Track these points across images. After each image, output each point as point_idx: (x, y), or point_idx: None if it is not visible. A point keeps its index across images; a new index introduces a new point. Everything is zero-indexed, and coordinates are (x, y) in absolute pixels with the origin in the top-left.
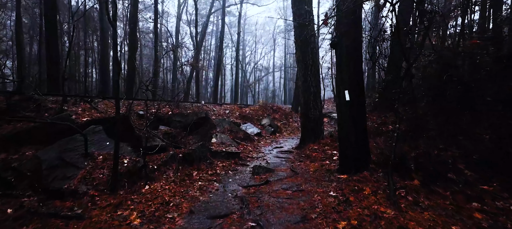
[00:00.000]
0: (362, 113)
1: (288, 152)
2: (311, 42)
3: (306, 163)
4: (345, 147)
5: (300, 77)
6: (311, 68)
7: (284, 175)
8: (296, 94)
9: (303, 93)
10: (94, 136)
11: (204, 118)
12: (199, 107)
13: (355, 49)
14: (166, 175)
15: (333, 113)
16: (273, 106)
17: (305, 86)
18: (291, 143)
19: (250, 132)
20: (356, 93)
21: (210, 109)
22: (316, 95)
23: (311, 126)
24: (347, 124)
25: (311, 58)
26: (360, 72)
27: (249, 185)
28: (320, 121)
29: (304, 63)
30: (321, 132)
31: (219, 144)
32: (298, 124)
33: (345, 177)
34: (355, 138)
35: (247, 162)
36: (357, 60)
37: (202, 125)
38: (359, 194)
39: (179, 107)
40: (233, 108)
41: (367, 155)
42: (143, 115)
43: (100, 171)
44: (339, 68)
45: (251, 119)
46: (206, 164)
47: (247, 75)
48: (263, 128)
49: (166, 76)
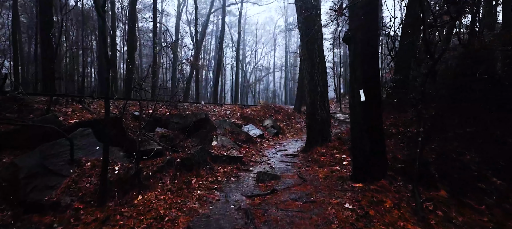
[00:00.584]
0: (378, 114)
1: (293, 155)
2: (318, 39)
3: (314, 168)
4: (359, 152)
5: (306, 76)
6: (318, 67)
7: (291, 183)
8: (298, 95)
9: (310, 93)
10: (82, 140)
11: (203, 119)
12: (198, 108)
13: (371, 44)
14: (162, 182)
15: (337, 114)
16: (275, 106)
17: (312, 85)
18: (295, 145)
19: (252, 133)
20: (372, 93)
21: (210, 110)
22: (324, 95)
23: (318, 127)
24: (361, 126)
25: (318, 55)
26: (376, 69)
27: (253, 195)
28: (327, 122)
29: (311, 61)
30: (329, 134)
31: (219, 147)
32: (301, 125)
33: (360, 186)
34: (371, 142)
35: (250, 167)
36: (373, 56)
37: (201, 126)
38: (379, 207)
39: (177, 108)
40: (234, 109)
41: (384, 161)
42: (139, 116)
43: (87, 179)
44: (352, 65)
45: (252, 120)
46: (206, 170)
47: (247, 75)
48: (266, 129)
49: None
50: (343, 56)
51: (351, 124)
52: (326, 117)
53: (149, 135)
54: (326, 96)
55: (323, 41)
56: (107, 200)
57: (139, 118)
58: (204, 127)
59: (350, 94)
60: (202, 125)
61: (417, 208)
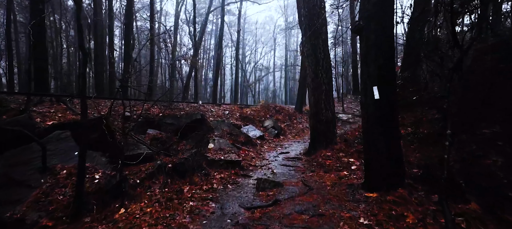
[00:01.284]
0: (395, 115)
1: (296, 158)
2: (323, 33)
3: (319, 174)
4: (372, 156)
5: (310, 74)
6: (322, 63)
7: (295, 191)
8: (300, 94)
9: (313, 92)
10: (59, 144)
11: (199, 120)
12: (195, 108)
13: (386, 34)
14: (150, 191)
15: (340, 114)
16: (275, 106)
17: (316, 83)
18: (297, 147)
19: (251, 135)
20: (387, 90)
21: (208, 110)
22: (328, 94)
23: (322, 129)
24: (375, 128)
25: (322, 51)
26: (392, 63)
27: (253, 207)
28: (332, 123)
29: (315, 58)
30: (334, 136)
31: (216, 150)
32: (303, 125)
33: (375, 196)
34: (386, 146)
35: (249, 172)
36: (389, 48)
37: (197, 128)
38: (400, 224)
39: (172, 108)
40: (232, 109)
41: (401, 168)
42: (129, 116)
43: (60, 190)
44: (365, 59)
45: (252, 120)
46: (200, 176)
47: (247, 75)
48: (266, 130)
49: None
50: (345, 54)
51: (363, 125)
52: (331, 117)
53: (138, 137)
54: (331, 95)
55: (327, 35)
56: (82, 214)
57: (130, 118)
58: (200, 128)
59: (361, 92)
60: (198, 126)
61: (447, 226)
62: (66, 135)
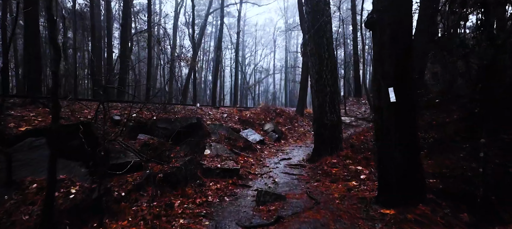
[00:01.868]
0: (413, 119)
1: (299, 166)
2: (327, 31)
3: (325, 184)
4: (387, 167)
5: (313, 75)
6: (327, 63)
7: (300, 206)
8: (301, 96)
9: (317, 94)
10: (31, 153)
11: (195, 124)
12: (192, 111)
13: (404, 28)
14: (136, 205)
15: (342, 117)
16: (276, 109)
17: (320, 85)
18: (300, 152)
19: (251, 139)
20: (405, 92)
21: (205, 113)
22: (333, 96)
23: (327, 134)
24: (391, 135)
25: (326, 50)
26: (410, 61)
27: (252, 226)
28: (338, 127)
29: (319, 57)
30: (340, 141)
31: (213, 157)
32: (305, 128)
33: (392, 213)
34: (404, 156)
35: (248, 182)
36: (406, 44)
37: (193, 132)
38: None
39: (167, 111)
40: (231, 112)
41: (421, 180)
42: (119, 120)
43: (27, 208)
44: (379, 56)
45: (252, 123)
46: (194, 187)
47: (247, 77)
48: (266, 134)
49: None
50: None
51: (376, 131)
52: (336, 121)
53: (126, 144)
54: (336, 98)
55: (332, 33)
56: None
57: (120, 122)
58: (195, 133)
59: (374, 93)
60: (194, 131)
61: None
62: (41, 143)
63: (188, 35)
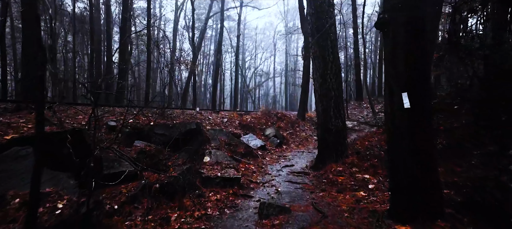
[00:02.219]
0: (429, 127)
1: (303, 173)
2: (332, 33)
3: (332, 194)
4: (400, 179)
5: (317, 78)
6: (331, 66)
7: (307, 220)
8: (302, 100)
9: (321, 99)
10: (16, 164)
11: (194, 130)
12: (191, 116)
13: (420, 29)
14: (131, 220)
15: None
16: (277, 113)
17: (324, 89)
18: (302, 158)
19: (252, 145)
20: (421, 97)
21: (205, 117)
22: (338, 101)
23: (332, 139)
24: (404, 144)
25: (331, 53)
26: (426, 63)
27: None
28: (343, 133)
29: (323, 60)
30: (345, 148)
31: (213, 164)
32: (307, 133)
33: None
34: (418, 166)
35: (250, 191)
36: (422, 46)
37: (192, 139)
38: None
39: (165, 116)
40: (232, 116)
41: (438, 193)
42: (115, 126)
43: (8, 226)
44: (391, 58)
45: (253, 128)
46: (193, 198)
47: (247, 81)
48: (267, 139)
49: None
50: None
51: (388, 140)
52: (341, 126)
53: (120, 151)
54: (341, 102)
55: (336, 36)
56: None
57: (116, 128)
58: (195, 139)
59: (386, 98)
60: (193, 137)
61: None
62: (27, 152)
63: (188, 39)
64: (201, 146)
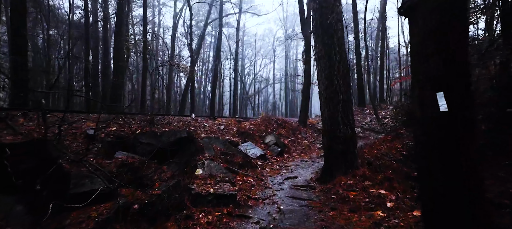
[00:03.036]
0: (471, 137)
1: (307, 187)
2: (338, 30)
3: (344, 214)
4: (435, 200)
5: (322, 81)
6: (338, 67)
7: None
8: (303, 106)
9: (327, 103)
10: None
11: (185, 138)
12: (186, 123)
13: (457, 11)
14: None
15: None
16: (277, 119)
17: (330, 92)
18: (306, 169)
19: (251, 154)
20: (461, 98)
21: (200, 125)
22: (347, 105)
23: (340, 148)
24: (441, 158)
25: (338, 52)
26: (465, 55)
27: None
28: (352, 141)
29: (329, 60)
30: (355, 158)
31: (206, 178)
32: (309, 140)
33: None
34: (462, 187)
35: (247, 211)
36: (462, 34)
37: (182, 148)
38: None
39: (155, 123)
40: (229, 123)
41: (486, 220)
42: (94, 135)
43: None
44: (421, 50)
45: (252, 136)
46: (179, 220)
47: (246, 87)
48: (267, 147)
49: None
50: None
51: (418, 152)
52: (350, 134)
53: (94, 165)
54: (350, 107)
55: (343, 33)
56: None
57: (95, 137)
58: (186, 149)
59: (415, 100)
60: (184, 146)
61: None
62: None
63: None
64: (193, 156)
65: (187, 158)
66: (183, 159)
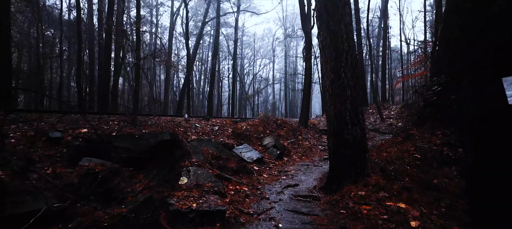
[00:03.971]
0: None
1: (311, 197)
2: (346, 15)
3: None
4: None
5: (327, 74)
6: (346, 58)
7: None
8: (304, 105)
9: (333, 99)
10: None
11: (168, 141)
12: (175, 124)
13: None
14: None
15: None
16: (276, 120)
17: (337, 87)
18: (308, 175)
19: (247, 157)
20: None
21: (191, 125)
22: (355, 103)
23: (348, 153)
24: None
25: (345, 40)
26: None
27: None
28: (362, 144)
29: (335, 50)
30: (365, 164)
31: (191, 188)
32: (310, 142)
33: None
34: None
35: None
36: None
37: (165, 153)
38: None
39: (136, 124)
40: (224, 124)
41: None
42: (61, 138)
43: None
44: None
45: (248, 137)
46: None
47: (246, 87)
48: (266, 150)
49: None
50: None
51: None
52: (360, 135)
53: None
54: (359, 104)
55: (352, 18)
56: None
57: (61, 141)
58: (169, 154)
59: (466, 90)
60: (167, 150)
61: None
62: None
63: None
64: (178, 162)
65: (171, 164)
66: (167, 165)
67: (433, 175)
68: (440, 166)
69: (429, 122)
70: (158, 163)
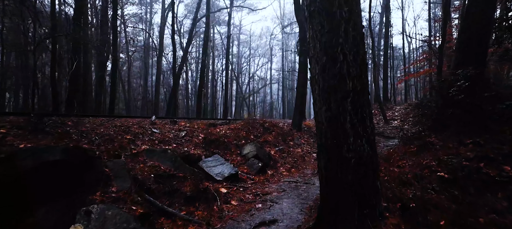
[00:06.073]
0: None
1: None
2: None
3: None
4: None
5: (316, 56)
6: (345, 29)
7: None
8: (298, 105)
9: (325, 96)
10: None
11: (62, 162)
12: (123, 129)
13: None
14: None
15: None
16: (264, 122)
17: (332, 76)
18: (295, 199)
19: (216, 173)
20: None
21: (145, 131)
22: (360, 100)
23: (350, 180)
24: None
25: (345, 2)
26: None
27: None
28: (372, 166)
29: (328, 19)
30: (378, 198)
31: None
32: (303, 148)
33: None
34: None
35: None
36: None
37: (68, 179)
38: None
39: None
40: (195, 129)
41: None
42: None
43: None
44: None
45: (225, 145)
46: None
47: (242, 87)
48: (245, 161)
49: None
50: None
51: None
52: (368, 153)
53: None
54: (366, 103)
55: None
56: None
57: None
58: (75, 179)
59: None
60: (69, 176)
61: None
62: None
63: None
64: (84, 193)
65: (73, 198)
66: (64, 200)
67: (473, 206)
68: (479, 191)
69: (452, 127)
70: (54, 196)
